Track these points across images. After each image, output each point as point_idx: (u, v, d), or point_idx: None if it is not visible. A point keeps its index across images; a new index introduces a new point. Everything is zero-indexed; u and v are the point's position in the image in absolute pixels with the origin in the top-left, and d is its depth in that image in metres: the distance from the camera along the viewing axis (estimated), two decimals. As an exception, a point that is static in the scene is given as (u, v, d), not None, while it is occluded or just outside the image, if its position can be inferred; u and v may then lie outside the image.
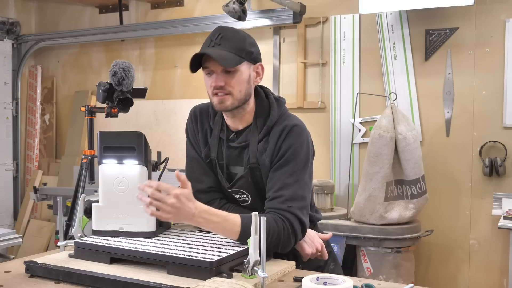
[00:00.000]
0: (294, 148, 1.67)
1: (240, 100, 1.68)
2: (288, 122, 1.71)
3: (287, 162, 1.66)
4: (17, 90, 5.16)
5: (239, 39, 1.67)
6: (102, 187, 1.65)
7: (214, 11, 4.29)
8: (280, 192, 1.64)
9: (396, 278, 3.24)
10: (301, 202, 1.65)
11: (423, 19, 3.63)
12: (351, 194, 3.80)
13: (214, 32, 1.68)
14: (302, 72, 4.04)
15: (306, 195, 1.68)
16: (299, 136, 1.69)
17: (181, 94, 4.58)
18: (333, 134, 3.91)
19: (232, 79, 1.65)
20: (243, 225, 1.55)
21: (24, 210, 5.06)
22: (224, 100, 1.66)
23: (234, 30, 1.70)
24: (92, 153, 3.14)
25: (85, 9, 5.11)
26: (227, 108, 1.68)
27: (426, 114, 3.64)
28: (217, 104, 1.68)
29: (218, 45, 1.64)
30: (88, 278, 1.38)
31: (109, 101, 2.99)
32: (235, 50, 1.64)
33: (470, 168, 3.53)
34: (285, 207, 1.61)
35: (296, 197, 1.63)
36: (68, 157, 4.97)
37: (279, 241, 1.58)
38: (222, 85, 1.64)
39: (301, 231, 1.64)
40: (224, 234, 1.58)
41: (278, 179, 1.66)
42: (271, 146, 1.69)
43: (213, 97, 1.68)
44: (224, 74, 1.65)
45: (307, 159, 1.70)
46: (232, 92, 1.66)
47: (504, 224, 3.12)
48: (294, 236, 1.62)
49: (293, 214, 1.61)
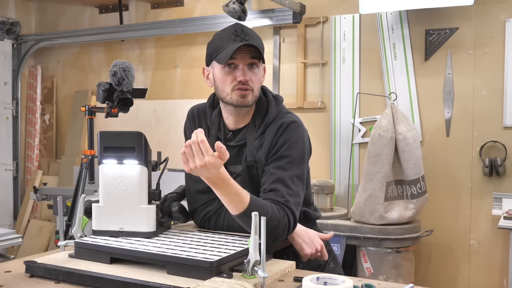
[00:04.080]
0: (289, 144, 1.68)
1: (256, 97, 1.72)
2: (286, 119, 1.73)
3: (282, 157, 1.67)
4: (17, 90, 5.17)
5: (259, 37, 1.72)
6: (102, 187, 1.65)
7: (214, 11, 4.29)
8: (276, 185, 1.64)
9: (396, 278, 3.24)
10: (296, 198, 1.65)
11: (423, 19, 3.63)
12: (351, 194, 3.80)
13: (236, 28, 1.69)
14: (302, 72, 4.04)
15: (300, 192, 1.68)
16: (295, 132, 1.70)
17: (181, 94, 4.58)
18: (333, 134, 3.91)
19: (254, 75, 1.69)
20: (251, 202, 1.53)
21: (24, 210, 5.07)
22: (247, 95, 1.68)
23: (251, 29, 1.74)
24: (92, 153, 3.14)
25: (85, 9, 5.11)
26: (248, 103, 1.70)
27: (426, 114, 3.65)
28: (238, 99, 1.68)
29: (246, 40, 1.65)
30: (88, 278, 1.38)
31: (109, 101, 2.99)
32: (260, 48, 1.67)
33: (470, 168, 3.53)
34: (283, 200, 1.61)
35: (292, 192, 1.63)
36: (68, 157, 4.97)
37: (276, 230, 1.57)
38: (247, 80, 1.67)
39: (293, 227, 1.64)
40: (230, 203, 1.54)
41: (273, 172, 1.66)
42: (267, 143, 1.70)
43: (234, 92, 1.68)
44: (248, 69, 1.68)
45: (303, 155, 1.70)
46: (254, 88, 1.69)
47: (504, 224, 3.12)
48: (287, 229, 1.61)
49: (289, 208, 1.61)
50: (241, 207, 1.52)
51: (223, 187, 1.50)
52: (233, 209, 1.54)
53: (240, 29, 1.68)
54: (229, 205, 1.54)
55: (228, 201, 1.54)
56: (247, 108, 1.73)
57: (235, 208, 1.53)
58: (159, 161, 1.76)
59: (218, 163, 1.42)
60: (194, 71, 4.47)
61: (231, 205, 1.54)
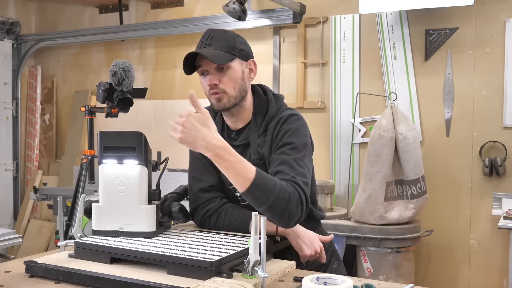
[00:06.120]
0: (291, 132, 1.69)
1: (236, 97, 1.72)
2: (285, 113, 1.75)
3: (284, 144, 1.68)
4: (17, 90, 5.16)
5: (228, 38, 1.73)
6: (102, 187, 1.65)
7: (214, 11, 4.29)
8: (280, 167, 1.63)
9: (396, 278, 3.24)
10: (303, 178, 1.62)
11: (423, 19, 3.63)
12: (351, 194, 3.80)
13: (204, 35, 1.74)
14: (302, 72, 4.04)
15: (306, 173, 1.65)
16: (295, 122, 1.72)
17: (181, 94, 4.58)
18: (333, 134, 3.91)
19: (225, 76, 1.70)
20: (258, 172, 1.50)
21: (24, 210, 5.07)
22: (221, 98, 1.71)
23: (223, 30, 1.76)
24: (92, 153, 3.14)
25: (85, 9, 5.11)
26: (225, 106, 1.72)
27: (426, 114, 3.65)
28: (215, 104, 1.73)
29: (209, 45, 1.70)
30: (88, 278, 1.38)
31: (109, 101, 2.99)
32: (225, 48, 1.69)
33: (470, 168, 3.53)
34: (289, 177, 1.59)
35: (298, 173, 1.61)
36: (68, 157, 4.97)
37: (289, 203, 1.52)
38: (216, 83, 1.69)
39: (305, 205, 1.59)
40: (236, 177, 1.50)
41: (277, 158, 1.66)
42: (269, 137, 1.72)
43: (211, 97, 1.73)
44: (217, 72, 1.70)
45: (305, 142, 1.70)
46: (226, 90, 1.70)
47: (504, 224, 3.12)
48: (301, 205, 1.56)
49: (297, 184, 1.58)
50: (249, 178, 1.48)
51: (225, 156, 1.47)
52: (241, 183, 1.49)
53: (207, 35, 1.72)
54: (235, 178, 1.49)
55: (234, 174, 1.49)
56: (238, 108, 1.75)
57: (243, 179, 1.48)
58: (159, 161, 1.77)
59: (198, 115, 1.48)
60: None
61: (237, 177, 1.49)
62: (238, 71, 1.72)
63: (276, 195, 1.50)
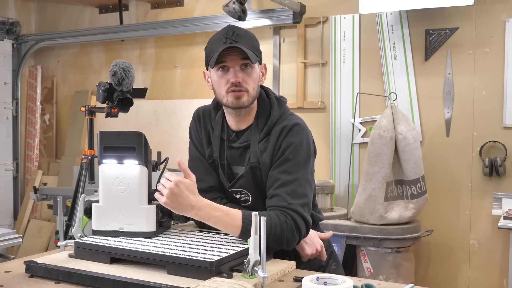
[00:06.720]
0: (294, 147, 1.67)
1: (253, 98, 1.71)
2: (288, 122, 1.72)
3: (286, 160, 1.67)
4: (17, 90, 5.16)
5: (252, 37, 1.71)
6: (102, 187, 1.65)
7: (214, 11, 4.29)
8: (279, 189, 1.64)
9: (396, 278, 3.24)
10: (302, 199, 1.64)
11: (423, 19, 3.63)
12: (351, 194, 3.80)
13: (227, 30, 1.68)
14: (302, 72, 4.04)
15: (308, 193, 1.67)
16: (299, 134, 1.70)
17: (181, 94, 4.58)
18: (333, 134, 3.91)
19: (249, 76, 1.68)
20: (244, 219, 1.55)
21: (24, 210, 5.06)
22: (241, 96, 1.68)
23: (245, 29, 1.73)
24: (92, 153, 3.14)
25: (85, 9, 5.11)
26: (243, 105, 1.69)
27: (426, 114, 3.64)
28: (233, 101, 1.68)
29: (236, 42, 1.65)
30: (88, 278, 1.38)
31: (109, 101, 2.98)
32: (252, 48, 1.67)
33: (470, 168, 3.53)
34: (286, 204, 1.61)
35: (297, 194, 1.63)
36: (68, 157, 4.97)
37: (283, 235, 1.57)
38: (240, 81, 1.66)
39: (304, 227, 1.63)
40: (226, 229, 1.57)
41: (277, 177, 1.66)
42: (271, 145, 1.70)
43: (228, 94, 1.68)
44: (241, 71, 1.67)
45: (308, 157, 1.70)
46: (248, 89, 1.68)
47: (504, 224, 3.12)
48: (298, 232, 1.61)
49: (294, 210, 1.60)
50: (237, 226, 1.55)
51: (211, 212, 1.54)
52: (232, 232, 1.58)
53: (231, 30, 1.67)
54: (226, 227, 1.58)
55: (223, 227, 1.57)
56: (247, 109, 1.73)
57: (232, 228, 1.56)
58: (159, 161, 1.76)
59: (187, 182, 1.51)
60: (194, 71, 4.47)
61: (227, 229, 1.58)
62: (257, 72, 1.72)
63: (268, 233, 1.52)
